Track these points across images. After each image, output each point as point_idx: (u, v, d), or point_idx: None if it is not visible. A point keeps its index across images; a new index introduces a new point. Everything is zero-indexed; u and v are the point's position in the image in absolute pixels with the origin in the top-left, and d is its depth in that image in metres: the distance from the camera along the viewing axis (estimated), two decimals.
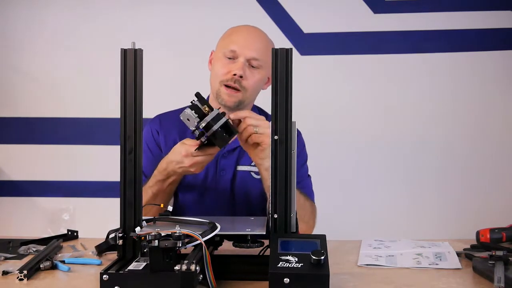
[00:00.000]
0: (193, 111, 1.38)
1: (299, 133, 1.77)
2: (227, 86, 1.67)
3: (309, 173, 1.82)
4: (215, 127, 1.37)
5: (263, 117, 1.50)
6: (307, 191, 1.76)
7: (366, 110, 2.66)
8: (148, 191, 1.59)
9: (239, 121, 1.48)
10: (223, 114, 1.41)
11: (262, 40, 1.74)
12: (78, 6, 2.70)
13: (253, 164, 1.71)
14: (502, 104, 2.63)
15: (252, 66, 1.69)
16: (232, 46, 1.69)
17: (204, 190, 1.74)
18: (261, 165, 1.53)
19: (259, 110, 1.85)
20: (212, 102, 1.77)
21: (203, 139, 1.41)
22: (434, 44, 2.62)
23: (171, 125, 1.77)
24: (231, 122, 1.43)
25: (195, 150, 1.45)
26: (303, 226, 1.56)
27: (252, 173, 1.75)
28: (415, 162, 2.65)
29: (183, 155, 1.46)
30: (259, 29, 1.76)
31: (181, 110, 1.83)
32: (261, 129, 1.46)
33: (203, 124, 1.37)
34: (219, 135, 1.39)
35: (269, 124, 1.46)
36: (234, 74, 1.66)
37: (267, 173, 1.54)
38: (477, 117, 2.63)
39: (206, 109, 1.39)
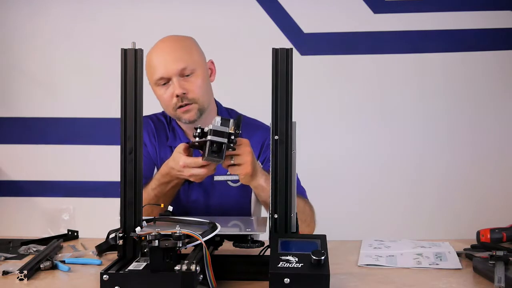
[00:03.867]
0: (221, 120, 1.34)
1: None
2: (179, 107, 1.67)
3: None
4: (209, 137, 1.32)
5: (246, 142, 1.44)
6: (299, 189, 1.75)
7: (366, 109, 2.66)
8: (150, 193, 1.59)
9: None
10: (230, 139, 1.34)
11: (179, 46, 1.69)
12: (78, 6, 2.70)
13: (229, 173, 1.70)
14: (502, 104, 2.63)
15: (187, 75, 1.67)
16: (157, 74, 1.66)
17: (176, 199, 1.71)
18: (250, 186, 1.52)
19: (228, 112, 1.82)
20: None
21: (196, 140, 1.37)
22: (434, 44, 2.62)
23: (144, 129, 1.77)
24: (226, 149, 1.35)
25: (189, 146, 1.46)
26: (305, 229, 1.57)
27: (229, 182, 1.74)
28: (415, 162, 2.64)
29: (181, 166, 1.46)
30: (171, 37, 1.71)
31: (153, 115, 1.82)
32: (238, 159, 1.42)
33: (206, 129, 1.34)
34: (208, 147, 1.33)
35: (250, 151, 1.44)
36: (177, 96, 1.65)
37: (257, 191, 1.55)
38: (478, 117, 2.63)
39: (232, 129, 1.34)
